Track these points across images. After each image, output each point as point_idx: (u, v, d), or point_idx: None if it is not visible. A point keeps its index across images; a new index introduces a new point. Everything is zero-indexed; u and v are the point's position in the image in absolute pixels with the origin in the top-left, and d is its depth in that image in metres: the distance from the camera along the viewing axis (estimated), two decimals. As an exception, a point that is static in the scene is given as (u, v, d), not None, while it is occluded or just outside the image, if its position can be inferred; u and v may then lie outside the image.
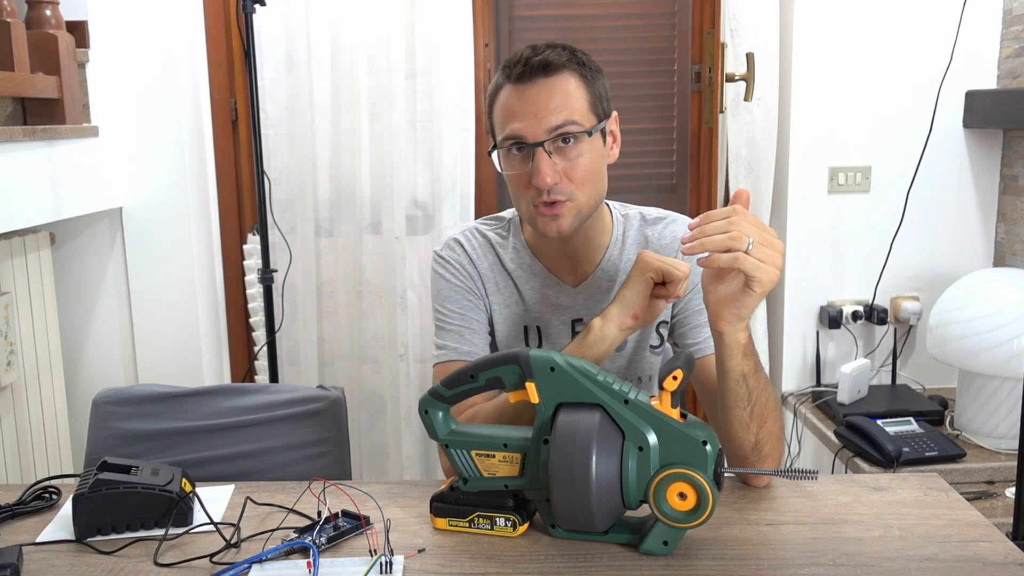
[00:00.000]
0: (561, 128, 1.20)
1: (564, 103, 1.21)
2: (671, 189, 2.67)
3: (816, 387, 2.50)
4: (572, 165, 1.22)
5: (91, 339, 2.38)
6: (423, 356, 2.54)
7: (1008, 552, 0.99)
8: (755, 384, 1.12)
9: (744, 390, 1.11)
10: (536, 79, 1.21)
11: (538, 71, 1.21)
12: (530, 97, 1.21)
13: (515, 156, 1.23)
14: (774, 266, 1.02)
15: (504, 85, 1.24)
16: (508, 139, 1.23)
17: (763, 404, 1.13)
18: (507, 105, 1.23)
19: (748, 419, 1.13)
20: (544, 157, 1.20)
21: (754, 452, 1.15)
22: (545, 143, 1.20)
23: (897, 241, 2.45)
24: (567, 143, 1.21)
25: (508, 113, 1.22)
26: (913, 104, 2.41)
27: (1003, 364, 2.02)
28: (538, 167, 1.19)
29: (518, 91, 1.22)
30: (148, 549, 1.04)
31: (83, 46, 2.15)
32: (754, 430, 1.14)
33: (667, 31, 2.60)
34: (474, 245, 1.37)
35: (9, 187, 1.82)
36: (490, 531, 1.05)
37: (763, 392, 1.13)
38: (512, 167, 1.24)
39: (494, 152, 1.27)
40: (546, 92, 1.21)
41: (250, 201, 2.56)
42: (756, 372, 1.12)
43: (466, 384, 1.05)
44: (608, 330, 1.17)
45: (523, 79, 1.21)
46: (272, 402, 1.50)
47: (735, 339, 1.08)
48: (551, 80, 1.21)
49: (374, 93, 2.43)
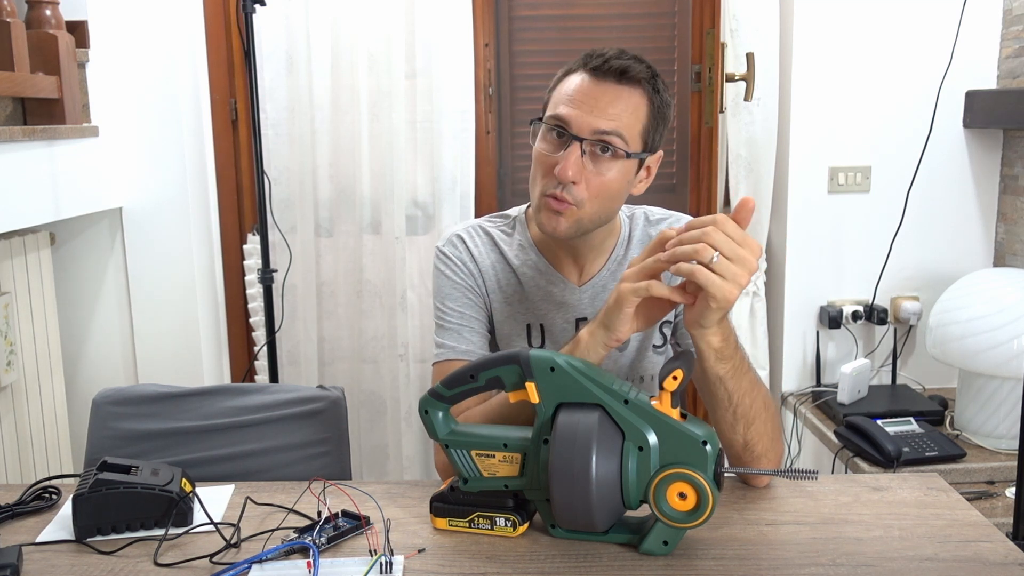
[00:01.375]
0: (606, 136, 1.19)
1: (621, 115, 1.20)
2: (671, 189, 2.67)
3: (816, 387, 2.50)
4: (596, 175, 1.21)
5: (91, 339, 2.38)
6: (423, 356, 2.54)
7: (1008, 552, 0.99)
8: (735, 387, 1.11)
9: (723, 392, 1.11)
10: (608, 80, 1.21)
11: (614, 73, 1.20)
12: (594, 93, 1.20)
13: (552, 138, 1.23)
14: (735, 284, 0.99)
15: (577, 70, 1.24)
16: (554, 119, 1.22)
17: (747, 406, 1.12)
18: (570, 89, 1.22)
19: (732, 420, 1.13)
20: (576, 152, 1.19)
21: (745, 452, 1.15)
22: (584, 141, 1.19)
23: (897, 241, 2.45)
24: (604, 152, 1.21)
25: (567, 97, 1.22)
26: (913, 104, 2.41)
27: (1003, 364, 2.02)
28: (566, 158, 1.19)
29: (586, 82, 1.21)
30: (148, 549, 1.04)
31: (83, 46, 2.15)
32: (740, 431, 1.13)
33: (667, 31, 2.60)
34: (477, 242, 1.37)
35: (9, 187, 1.82)
36: (490, 531, 1.05)
37: (747, 394, 1.12)
38: (544, 147, 1.24)
39: (536, 123, 1.26)
40: (611, 96, 1.20)
41: (250, 201, 2.56)
42: (736, 375, 1.10)
43: (466, 384, 1.05)
44: (594, 347, 1.14)
45: (597, 73, 1.21)
46: (272, 402, 1.50)
47: (705, 342, 1.07)
48: (622, 88, 1.21)
49: (374, 93, 2.43)
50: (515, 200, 2.63)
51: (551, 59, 2.57)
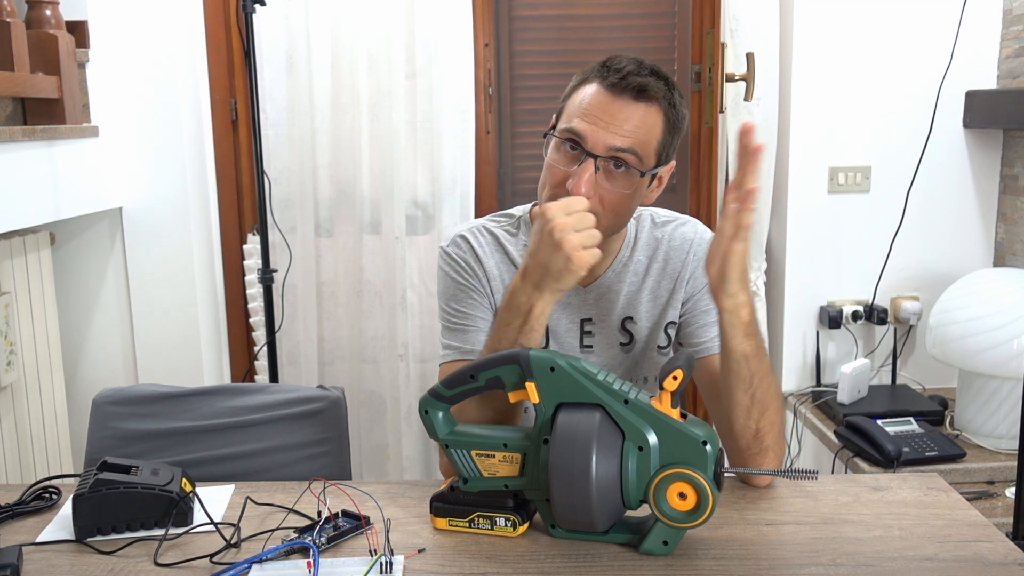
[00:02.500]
0: (621, 153, 1.19)
1: (637, 132, 1.19)
2: (671, 189, 2.67)
3: (816, 387, 2.50)
4: (610, 191, 1.20)
5: (91, 339, 2.38)
6: (423, 356, 2.54)
7: (1008, 552, 0.99)
8: (757, 367, 1.13)
9: (746, 371, 1.13)
10: (626, 96, 1.19)
11: (632, 90, 1.19)
12: (610, 109, 1.19)
13: (565, 151, 1.22)
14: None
15: (592, 82, 1.22)
16: (568, 132, 1.21)
17: (764, 390, 1.14)
18: (584, 102, 1.21)
19: (749, 403, 1.14)
20: (590, 169, 1.18)
21: (755, 441, 1.16)
22: (599, 159, 1.19)
23: (897, 241, 2.45)
24: (618, 168, 1.20)
25: (581, 110, 1.21)
26: (913, 104, 2.41)
27: (1003, 364, 2.02)
28: (580, 176, 1.18)
29: (603, 96, 1.20)
30: (148, 549, 1.04)
31: (83, 46, 2.15)
32: (755, 416, 1.15)
33: (667, 31, 2.60)
34: (481, 243, 1.37)
35: (9, 187, 1.82)
36: (490, 531, 1.05)
37: (765, 377, 1.15)
38: (557, 160, 1.23)
39: (550, 135, 1.26)
40: (627, 112, 1.19)
41: (250, 201, 2.56)
42: (758, 355, 1.13)
43: (466, 384, 1.05)
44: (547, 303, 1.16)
45: (614, 89, 1.20)
46: (272, 402, 1.50)
47: (737, 315, 1.10)
48: (639, 105, 1.20)
49: (374, 93, 2.43)
50: (515, 200, 2.62)
51: (551, 59, 2.56)
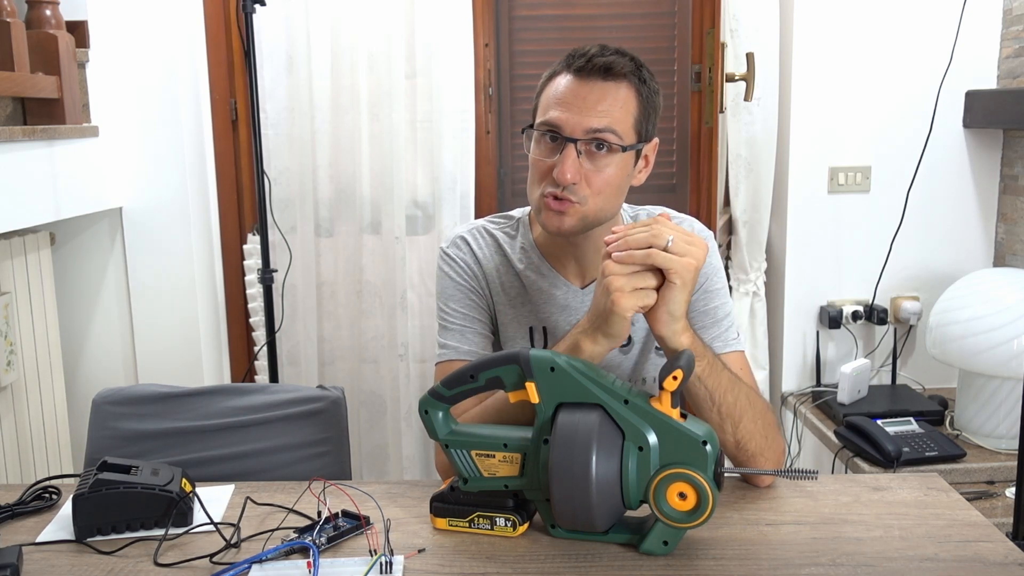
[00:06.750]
0: (600, 133, 1.20)
1: (611, 111, 1.20)
2: (671, 189, 2.67)
3: (816, 387, 2.50)
4: (596, 172, 1.21)
5: (91, 339, 2.38)
6: (423, 356, 2.54)
7: (1008, 552, 0.99)
8: (714, 384, 1.12)
9: (704, 391, 1.12)
10: (594, 78, 1.20)
11: (599, 71, 1.20)
12: (581, 93, 1.20)
13: (546, 143, 1.23)
14: (693, 259, 1.05)
15: (561, 72, 1.24)
16: (545, 125, 1.22)
17: (730, 404, 1.13)
18: (556, 93, 1.22)
19: (719, 420, 1.13)
20: (572, 154, 1.19)
21: (739, 451, 1.15)
22: (579, 142, 1.20)
23: (897, 241, 2.45)
24: (600, 150, 1.21)
25: (555, 100, 1.22)
26: (913, 104, 2.41)
27: (1003, 364, 2.02)
28: (563, 162, 1.19)
29: (573, 83, 1.21)
30: (148, 549, 1.04)
31: (83, 46, 2.15)
32: (729, 430, 1.14)
33: (667, 31, 2.60)
34: (481, 244, 1.37)
35: (9, 187, 1.82)
36: (490, 531, 1.05)
37: (728, 392, 1.13)
38: (540, 153, 1.24)
39: (528, 130, 1.27)
40: (598, 93, 1.20)
41: (250, 201, 2.56)
42: (712, 373, 1.11)
43: (466, 384, 1.05)
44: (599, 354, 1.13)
45: (581, 73, 1.21)
46: (272, 402, 1.50)
47: (676, 342, 1.08)
48: (608, 84, 1.21)
49: (374, 93, 2.43)
50: (515, 200, 2.63)
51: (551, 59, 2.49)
